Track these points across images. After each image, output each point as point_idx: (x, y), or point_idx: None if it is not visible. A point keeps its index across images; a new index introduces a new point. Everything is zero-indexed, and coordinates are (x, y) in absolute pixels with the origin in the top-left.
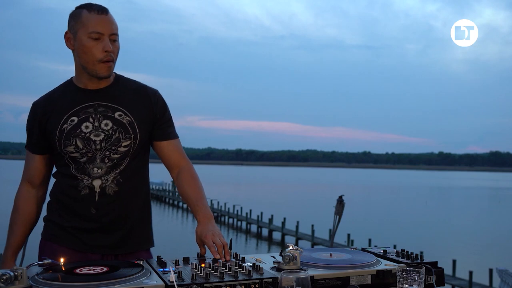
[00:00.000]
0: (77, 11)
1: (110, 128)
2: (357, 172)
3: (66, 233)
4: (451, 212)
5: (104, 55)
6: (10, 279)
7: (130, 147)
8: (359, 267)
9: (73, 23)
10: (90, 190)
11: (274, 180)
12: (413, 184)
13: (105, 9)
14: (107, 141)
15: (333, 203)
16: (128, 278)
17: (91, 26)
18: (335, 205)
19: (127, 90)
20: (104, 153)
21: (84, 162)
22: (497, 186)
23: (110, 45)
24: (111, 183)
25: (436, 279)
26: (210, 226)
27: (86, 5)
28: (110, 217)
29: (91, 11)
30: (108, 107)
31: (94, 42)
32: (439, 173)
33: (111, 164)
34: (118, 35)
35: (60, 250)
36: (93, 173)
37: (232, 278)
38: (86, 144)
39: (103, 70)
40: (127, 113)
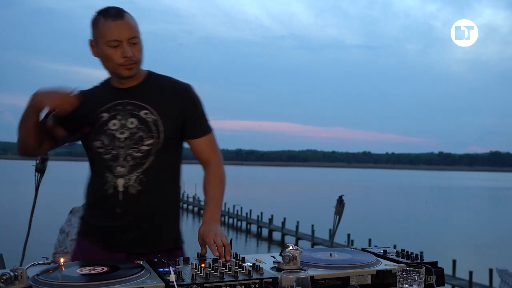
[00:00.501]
0: (95, 19)
1: (134, 126)
2: (357, 172)
3: (95, 230)
4: (451, 212)
5: (124, 61)
6: (10, 279)
7: (153, 146)
8: (359, 267)
9: (94, 31)
10: (114, 189)
11: (274, 180)
12: (413, 184)
13: (120, 13)
14: (130, 139)
15: (333, 203)
16: (128, 278)
17: (108, 35)
18: (335, 205)
19: (157, 87)
20: (126, 151)
21: (108, 159)
22: (497, 186)
23: (129, 49)
24: (134, 182)
25: (436, 279)
26: (213, 226)
27: (102, 11)
28: (134, 216)
29: (107, 18)
30: (135, 105)
31: (113, 49)
32: (439, 173)
33: (133, 163)
34: (138, 36)
35: (90, 247)
36: (117, 172)
37: (232, 278)
38: (111, 141)
39: (125, 72)
40: (153, 112)
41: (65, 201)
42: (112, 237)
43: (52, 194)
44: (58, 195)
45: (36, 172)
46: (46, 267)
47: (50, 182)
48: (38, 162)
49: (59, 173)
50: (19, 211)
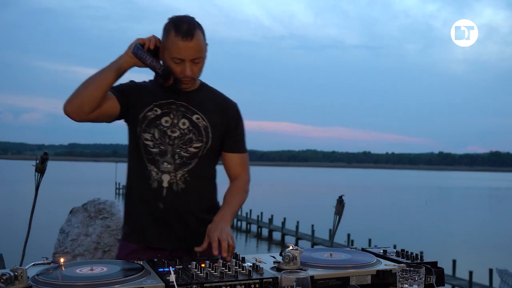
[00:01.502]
0: (168, 27)
1: (186, 127)
2: (357, 172)
3: (137, 231)
4: (451, 212)
5: (182, 77)
6: (10, 279)
7: (200, 149)
8: (359, 267)
9: (164, 37)
10: (158, 184)
11: (274, 180)
12: (413, 184)
13: (190, 33)
14: (180, 139)
15: (333, 203)
16: (128, 278)
17: (174, 52)
18: (335, 205)
19: (209, 97)
20: (175, 149)
21: (155, 153)
22: (497, 186)
23: (190, 69)
24: (179, 180)
25: (436, 279)
26: (222, 224)
27: (176, 24)
28: (176, 213)
29: (178, 35)
30: (188, 109)
31: (175, 64)
32: (439, 173)
33: (180, 162)
34: (203, 56)
35: (134, 249)
36: (163, 167)
37: (232, 278)
38: (162, 136)
39: (180, 86)
40: (204, 118)
41: (65, 201)
42: (154, 235)
43: (52, 194)
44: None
45: (36, 172)
46: (46, 267)
47: (50, 182)
48: (38, 162)
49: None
50: (19, 211)
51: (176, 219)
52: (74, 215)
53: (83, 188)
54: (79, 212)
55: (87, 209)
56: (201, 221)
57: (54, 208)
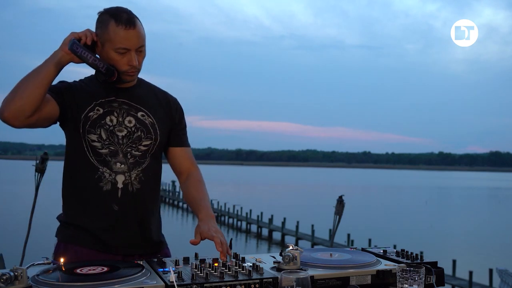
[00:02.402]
0: (105, 18)
1: (133, 125)
2: (357, 172)
3: (86, 233)
4: (451, 212)
5: (129, 68)
6: (10, 279)
7: (149, 147)
8: (359, 267)
9: (100, 31)
10: (112, 186)
11: (274, 180)
12: (413, 184)
13: (132, 21)
14: (129, 137)
15: (333, 203)
16: (128, 278)
17: (118, 42)
18: (335, 205)
19: (150, 93)
20: (126, 148)
21: (105, 154)
22: (497, 186)
23: (136, 58)
24: (134, 180)
25: (436, 279)
26: (212, 223)
27: (114, 15)
28: (132, 215)
29: (119, 25)
30: (131, 106)
31: (120, 56)
32: (439, 173)
33: (133, 161)
34: (145, 44)
35: (81, 252)
36: (116, 168)
37: (232, 278)
38: (109, 136)
39: (126, 78)
40: (149, 115)
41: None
42: (107, 238)
43: (52, 194)
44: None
45: (36, 172)
46: (46, 267)
47: (50, 182)
48: (38, 162)
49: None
50: (19, 211)
51: (131, 221)
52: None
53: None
54: None
55: None
56: (155, 218)
57: (54, 208)
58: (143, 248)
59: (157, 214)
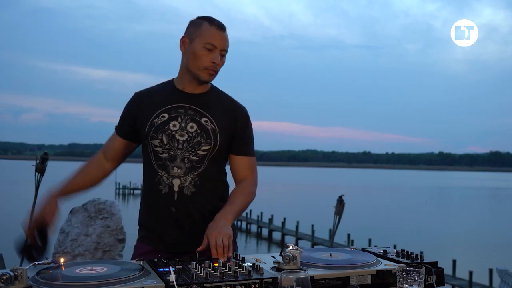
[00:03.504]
0: (199, 21)
1: (194, 131)
2: (357, 172)
3: (152, 234)
4: (451, 212)
5: (211, 65)
6: (10, 279)
7: (208, 152)
8: (359, 267)
9: (192, 30)
10: (169, 189)
11: (274, 180)
12: (413, 184)
13: (224, 26)
14: (189, 142)
15: (333, 203)
16: (128, 278)
17: (208, 38)
18: (335, 205)
19: (218, 100)
20: (184, 153)
21: (165, 158)
22: (497, 186)
23: (219, 58)
24: (189, 184)
25: (436, 279)
26: (221, 223)
27: (208, 18)
28: (188, 216)
29: (212, 25)
30: (197, 112)
31: (206, 52)
32: (439, 173)
33: (190, 166)
34: (227, 53)
35: (150, 251)
36: (173, 172)
37: (232, 278)
38: (170, 141)
39: (205, 75)
40: (212, 121)
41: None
42: (167, 238)
43: None
44: None
45: (36, 172)
46: (46, 267)
47: (50, 182)
48: (38, 162)
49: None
50: (19, 211)
51: (187, 223)
52: (74, 215)
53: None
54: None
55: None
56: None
57: None
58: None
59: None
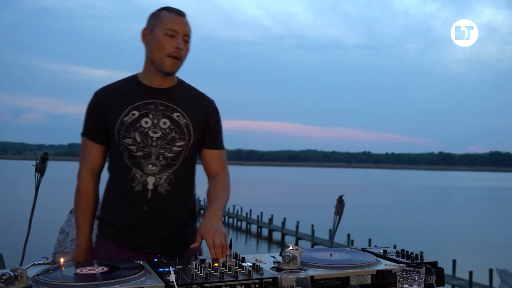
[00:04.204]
0: (157, 12)
1: (167, 127)
2: (357, 172)
3: (119, 232)
4: (451, 212)
5: (174, 51)
6: (10, 279)
7: (183, 148)
8: (359, 267)
9: (152, 21)
10: (143, 187)
11: (274, 180)
12: (413, 184)
13: (183, 12)
14: (163, 139)
15: (333, 203)
16: (128, 278)
17: (168, 24)
18: (335, 205)
19: (187, 94)
20: (159, 150)
21: (139, 156)
22: (497, 186)
23: (182, 43)
24: (164, 181)
25: (436, 279)
26: (214, 222)
27: (166, 7)
28: (161, 215)
29: (171, 12)
30: (168, 107)
31: (168, 38)
32: (439, 173)
33: (165, 163)
34: (190, 39)
35: (114, 249)
36: (147, 170)
37: (232, 278)
38: (144, 138)
39: (169, 64)
40: (185, 115)
41: (65, 201)
42: (137, 237)
43: (52, 194)
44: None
45: (36, 172)
46: (46, 267)
47: (50, 182)
48: (38, 162)
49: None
50: (19, 211)
51: (160, 222)
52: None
53: None
54: None
55: None
56: (185, 220)
57: (54, 208)
58: (170, 247)
59: (189, 214)
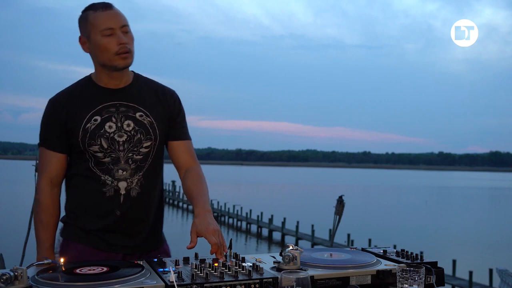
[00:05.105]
0: (84, 15)
1: (132, 128)
2: (357, 172)
3: (89, 234)
4: (451, 212)
5: (120, 47)
6: (10, 279)
7: (151, 148)
8: (359, 267)
9: (83, 27)
10: (115, 192)
11: (274, 180)
12: (413, 184)
13: (108, 4)
14: (129, 142)
15: (333, 203)
16: (128, 278)
17: (101, 24)
18: (335, 205)
19: (146, 89)
20: (127, 154)
21: (108, 162)
22: (497, 186)
23: (123, 37)
24: (135, 185)
25: (436, 279)
26: (209, 219)
27: (90, 7)
28: (133, 218)
29: (97, 10)
30: (129, 107)
31: (108, 38)
32: (439, 173)
33: (135, 166)
34: (129, 26)
35: (84, 249)
36: (118, 175)
37: (232, 278)
38: (110, 144)
39: (120, 61)
40: (148, 114)
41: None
42: (110, 239)
43: None
44: None
45: (36, 172)
46: (46, 267)
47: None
48: (38, 162)
49: None
50: (19, 211)
51: (132, 224)
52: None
53: None
54: None
55: None
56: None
57: None
58: (143, 247)
59: (159, 213)
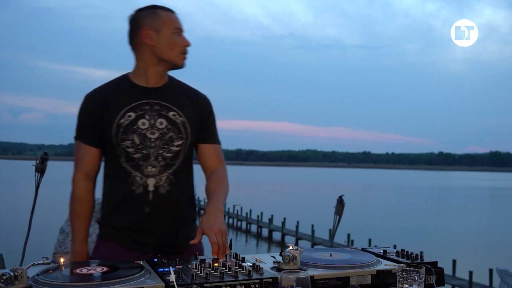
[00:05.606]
0: (152, 10)
1: (164, 127)
2: (357, 172)
3: (118, 232)
4: (451, 212)
5: (184, 49)
6: (10, 279)
7: (181, 147)
8: (359, 267)
9: (151, 20)
10: (144, 189)
11: (274, 180)
12: (413, 184)
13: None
14: (161, 139)
15: (333, 203)
16: (128, 278)
17: (174, 23)
18: (335, 205)
19: (180, 91)
20: (157, 151)
21: (138, 158)
22: (497, 186)
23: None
24: (164, 182)
25: (436, 279)
26: (218, 219)
27: (158, 6)
28: (162, 216)
29: (167, 11)
30: (163, 106)
31: (177, 38)
32: (439, 173)
33: (164, 164)
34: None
35: (114, 248)
36: (147, 171)
37: (232, 278)
38: (142, 140)
39: (183, 61)
40: (180, 114)
41: (65, 201)
42: (139, 238)
43: (52, 194)
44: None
45: (36, 172)
46: (46, 267)
47: (50, 182)
48: (38, 162)
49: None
50: (19, 211)
51: (162, 222)
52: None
53: None
54: None
55: None
56: (187, 219)
57: (54, 208)
58: (173, 246)
59: (190, 214)
